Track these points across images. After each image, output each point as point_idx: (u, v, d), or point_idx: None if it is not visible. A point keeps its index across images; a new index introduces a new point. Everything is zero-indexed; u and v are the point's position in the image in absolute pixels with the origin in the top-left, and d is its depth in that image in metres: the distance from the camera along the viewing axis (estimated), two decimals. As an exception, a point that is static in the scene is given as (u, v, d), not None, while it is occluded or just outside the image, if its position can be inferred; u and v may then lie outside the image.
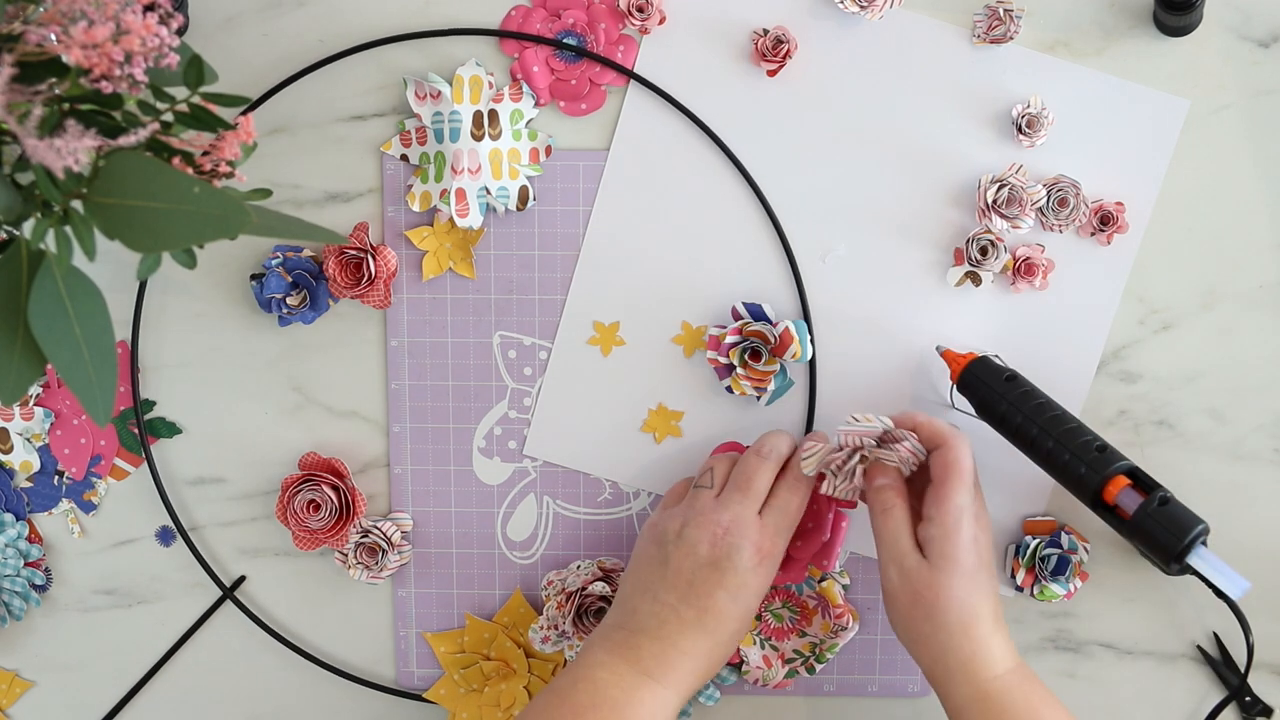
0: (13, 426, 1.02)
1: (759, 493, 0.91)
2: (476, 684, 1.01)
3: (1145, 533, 0.87)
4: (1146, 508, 0.87)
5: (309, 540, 1.00)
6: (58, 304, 0.70)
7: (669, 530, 0.90)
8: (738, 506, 0.90)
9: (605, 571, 0.99)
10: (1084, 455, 0.88)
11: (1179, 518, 0.87)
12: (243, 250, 1.00)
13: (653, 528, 0.92)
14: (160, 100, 0.74)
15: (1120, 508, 0.88)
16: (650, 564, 0.90)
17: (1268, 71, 0.94)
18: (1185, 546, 0.86)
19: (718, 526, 0.89)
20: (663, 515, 0.92)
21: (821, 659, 0.99)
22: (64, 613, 1.04)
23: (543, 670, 1.01)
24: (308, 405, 1.01)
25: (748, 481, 0.91)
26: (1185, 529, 0.86)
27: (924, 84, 0.95)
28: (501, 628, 1.01)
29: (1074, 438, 0.89)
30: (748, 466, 0.92)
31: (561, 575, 0.99)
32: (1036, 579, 0.96)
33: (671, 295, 0.98)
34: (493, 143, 0.96)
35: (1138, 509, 0.87)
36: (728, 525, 0.89)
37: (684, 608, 0.88)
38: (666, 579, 0.89)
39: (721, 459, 0.94)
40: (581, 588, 0.97)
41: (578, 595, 0.97)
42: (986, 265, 0.95)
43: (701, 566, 0.88)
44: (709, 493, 0.92)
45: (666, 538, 0.90)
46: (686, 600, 0.88)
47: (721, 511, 0.90)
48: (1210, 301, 0.96)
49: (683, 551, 0.89)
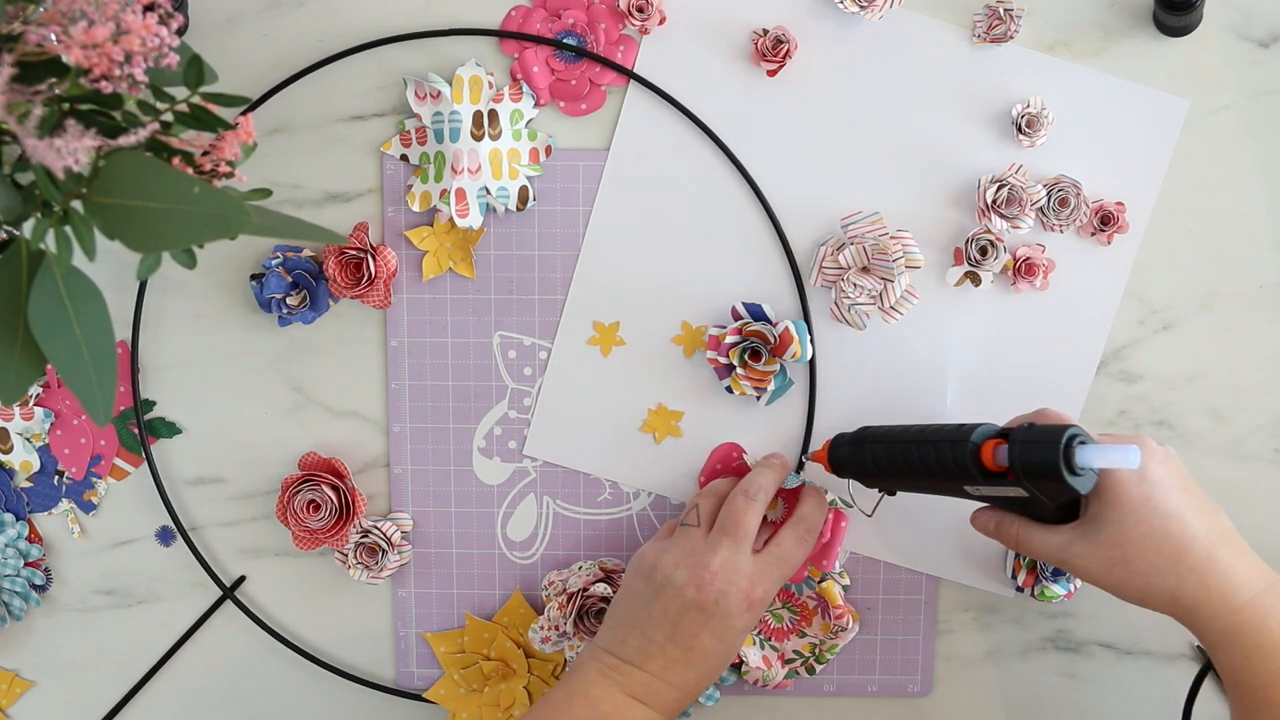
0: (13, 426, 1.02)
1: (748, 533, 0.90)
2: (476, 684, 1.01)
3: (1030, 470, 0.81)
4: (1015, 445, 0.81)
5: (309, 540, 1.00)
6: (58, 304, 0.70)
7: (658, 568, 0.90)
8: (726, 551, 0.89)
9: (606, 572, 0.98)
10: (948, 439, 0.84)
11: (1047, 432, 0.81)
12: (243, 250, 1.00)
13: (641, 560, 0.92)
14: (160, 100, 0.74)
15: (1000, 464, 0.82)
16: (639, 599, 0.90)
17: (1268, 71, 0.94)
18: (1067, 450, 0.80)
19: (706, 571, 0.89)
20: (653, 549, 0.92)
21: (821, 660, 0.99)
22: (64, 613, 1.04)
23: (543, 670, 1.01)
24: (308, 405, 1.01)
25: (735, 524, 0.90)
26: (1057, 435, 0.80)
27: (924, 84, 0.95)
28: (501, 628, 1.01)
29: (934, 436, 0.85)
30: (735, 507, 0.91)
31: (563, 576, 0.99)
32: (1037, 580, 0.96)
33: (671, 295, 0.98)
34: (493, 143, 0.96)
35: (1010, 453, 0.82)
36: (716, 570, 0.89)
37: (670, 646, 0.89)
38: (654, 618, 0.89)
39: (706, 495, 0.94)
40: (583, 588, 0.97)
41: (579, 596, 0.97)
42: (986, 265, 0.95)
43: (688, 609, 0.89)
44: (697, 532, 0.91)
45: (655, 576, 0.90)
46: (673, 639, 0.89)
47: (711, 555, 0.89)
48: (1210, 301, 0.96)
49: (670, 593, 0.89)
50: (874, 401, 0.97)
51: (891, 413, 0.97)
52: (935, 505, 0.96)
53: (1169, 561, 0.81)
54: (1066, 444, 0.80)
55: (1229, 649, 0.82)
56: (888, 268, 0.93)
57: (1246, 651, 0.81)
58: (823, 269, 0.95)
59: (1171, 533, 0.81)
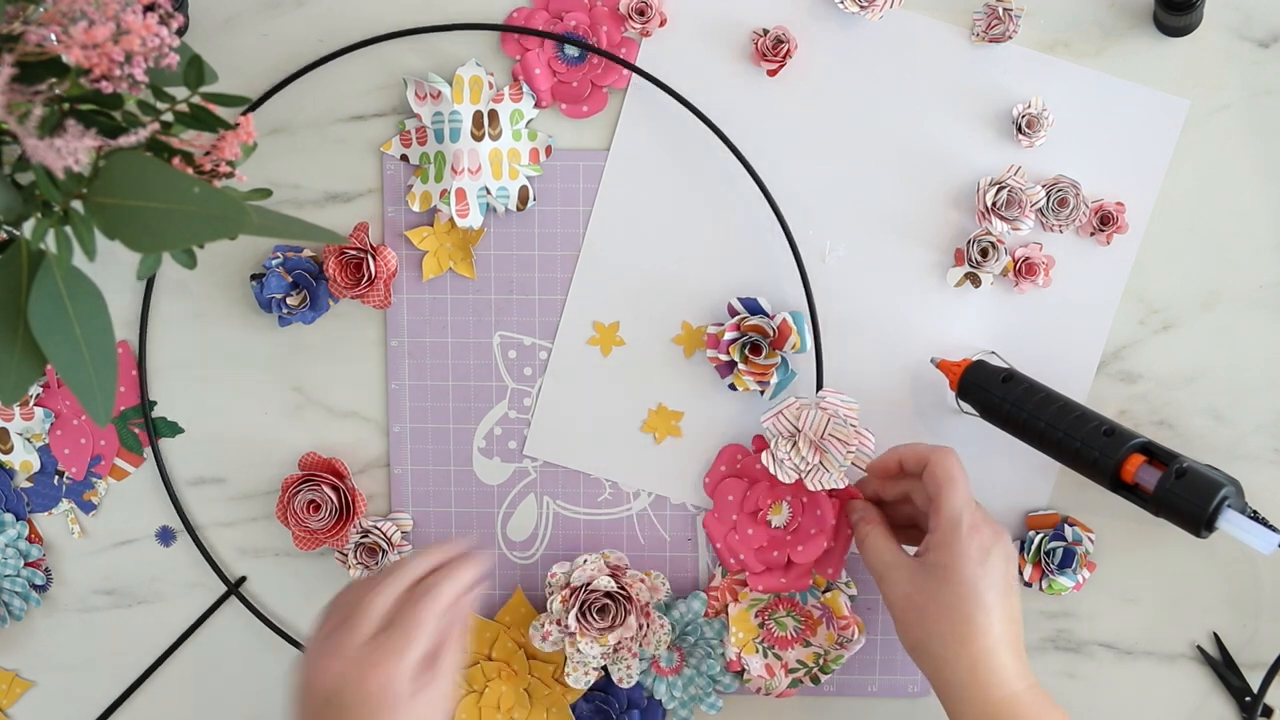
0: (13, 426, 1.02)
1: (373, 619, 0.83)
2: (478, 685, 1.01)
3: (1170, 507, 0.87)
4: (1166, 482, 0.87)
5: (309, 540, 1.00)
6: (58, 304, 0.70)
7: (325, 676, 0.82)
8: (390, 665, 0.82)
9: (611, 567, 0.98)
10: (1094, 441, 0.89)
11: (1200, 486, 0.87)
12: (243, 250, 1.00)
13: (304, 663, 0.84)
14: (160, 100, 0.74)
15: (1141, 485, 0.88)
16: None
17: (1268, 71, 0.94)
18: (1211, 514, 0.86)
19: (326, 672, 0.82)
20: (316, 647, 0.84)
21: (826, 670, 0.98)
22: (64, 613, 1.04)
23: (543, 672, 1.00)
24: (308, 405, 1.01)
25: (405, 635, 0.83)
26: (1208, 496, 0.86)
27: (924, 84, 0.95)
28: (504, 627, 1.01)
29: (1081, 425, 0.89)
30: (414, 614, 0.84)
31: (566, 569, 0.99)
32: (1044, 574, 0.96)
33: (671, 295, 0.98)
34: (493, 143, 0.96)
35: (1158, 484, 0.87)
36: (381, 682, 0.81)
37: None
38: None
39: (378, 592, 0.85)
40: (586, 583, 0.97)
41: (582, 590, 0.97)
42: (987, 267, 0.95)
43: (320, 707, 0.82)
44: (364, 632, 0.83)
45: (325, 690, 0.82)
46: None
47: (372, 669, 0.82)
48: (1210, 301, 0.96)
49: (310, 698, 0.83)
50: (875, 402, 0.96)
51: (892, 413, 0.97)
52: (935, 505, 0.96)
53: (956, 639, 0.85)
54: (1217, 503, 0.86)
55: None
56: (835, 457, 0.93)
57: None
58: (780, 415, 0.94)
59: (973, 619, 0.85)
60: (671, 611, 0.99)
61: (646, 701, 1.00)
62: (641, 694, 1.00)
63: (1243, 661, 0.97)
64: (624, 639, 0.97)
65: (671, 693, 0.99)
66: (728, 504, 0.98)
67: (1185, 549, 0.96)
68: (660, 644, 0.98)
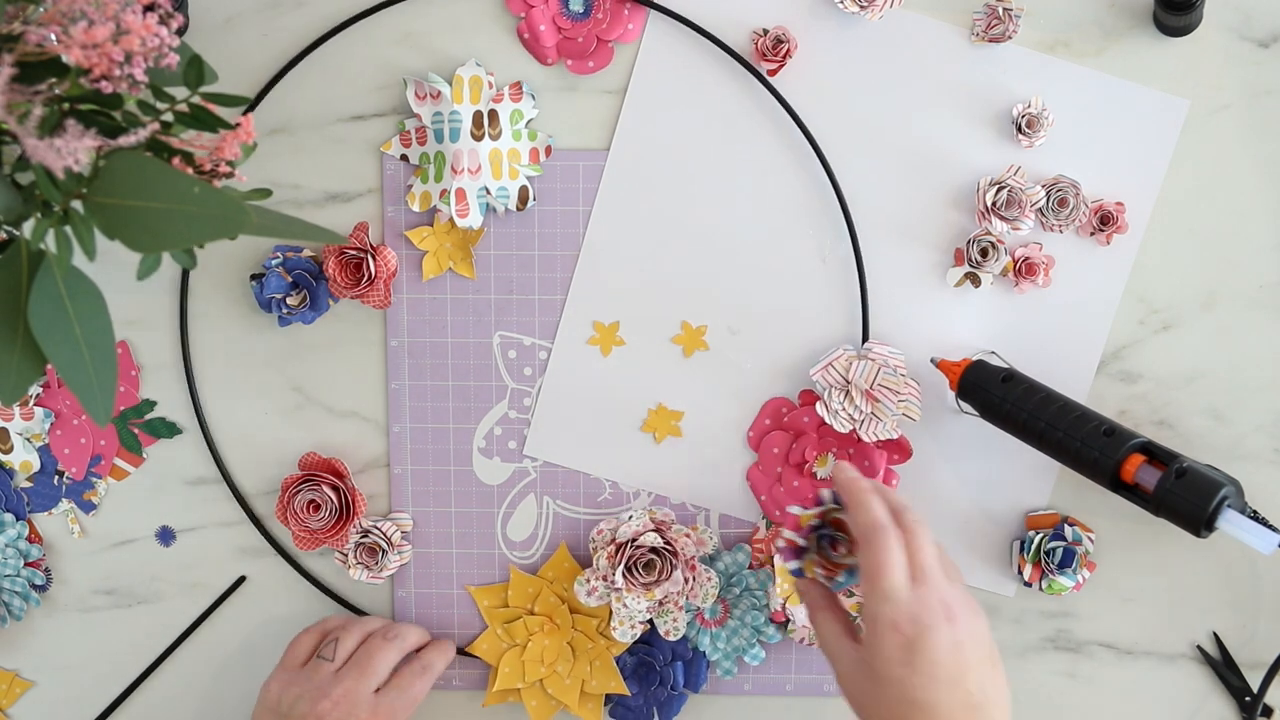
0: (13, 426, 1.02)
1: (377, 673, 0.94)
2: (520, 638, 1.01)
3: (1169, 507, 0.87)
4: (1166, 482, 0.87)
5: (309, 540, 1.00)
6: (58, 304, 0.70)
7: (283, 700, 0.93)
8: (351, 682, 0.93)
9: (657, 524, 0.98)
10: (1094, 441, 0.89)
11: (1200, 486, 0.87)
12: (243, 250, 1.00)
13: (266, 692, 0.94)
14: (160, 100, 0.74)
15: (1141, 485, 0.88)
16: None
17: (1268, 71, 0.94)
18: (1211, 514, 0.86)
19: (327, 699, 0.92)
20: (278, 681, 0.95)
21: None
22: (64, 613, 1.04)
23: (587, 626, 1.00)
24: (308, 405, 1.01)
25: (368, 661, 0.94)
26: (1208, 496, 0.86)
27: (924, 84, 0.95)
28: (546, 582, 1.01)
29: (1081, 425, 0.89)
30: (371, 647, 0.95)
31: (612, 526, 0.99)
32: (1044, 573, 0.96)
33: (671, 295, 0.98)
34: (493, 143, 0.96)
35: (1158, 484, 0.87)
36: (337, 699, 0.92)
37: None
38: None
39: (348, 632, 0.96)
40: (632, 539, 0.97)
41: (628, 546, 0.97)
42: (987, 267, 0.95)
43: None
44: (329, 666, 0.94)
45: (280, 709, 0.93)
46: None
47: (335, 685, 0.93)
48: (1210, 301, 0.96)
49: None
50: (874, 401, 0.97)
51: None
52: (933, 506, 0.96)
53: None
54: (1217, 503, 0.86)
55: None
56: (887, 405, 0.93)
57: None
58: (830, 366, 0.95)
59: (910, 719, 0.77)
60: (716, 563, 0.99)
61: (690, 653, 1.00)
62: (686, 646, 1.00)
63: (1243, 661, 0.97)
64: (670, 593, 0.97)
65: (715, 644, 0.99)
66: (772, 456, 0.98)
67: (1185, 549, 0.96)
68: (708, 597, 0.98)
